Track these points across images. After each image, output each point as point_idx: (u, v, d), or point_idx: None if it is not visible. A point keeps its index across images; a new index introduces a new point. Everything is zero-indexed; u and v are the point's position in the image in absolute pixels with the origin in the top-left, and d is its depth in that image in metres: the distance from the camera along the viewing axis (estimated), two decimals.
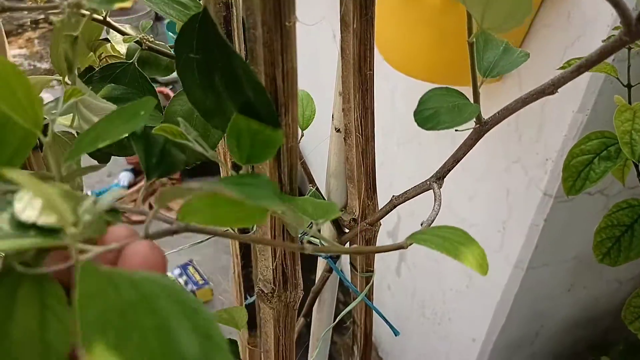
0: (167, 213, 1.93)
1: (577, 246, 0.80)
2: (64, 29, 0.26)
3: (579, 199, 0.74)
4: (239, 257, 0.62)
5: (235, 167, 0.50)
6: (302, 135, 0.48)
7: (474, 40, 0.27)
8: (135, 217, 1.90)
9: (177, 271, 1.63)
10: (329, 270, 0.54)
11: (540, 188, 0.72)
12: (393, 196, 0.40)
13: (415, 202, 1.02)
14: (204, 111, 0.26)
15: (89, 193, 1.69)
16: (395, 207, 0.41)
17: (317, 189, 0.48)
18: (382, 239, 1.26)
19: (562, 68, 0.44)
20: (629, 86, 0.45)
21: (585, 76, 0.61)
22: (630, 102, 0.44)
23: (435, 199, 0.32)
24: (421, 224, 0.33)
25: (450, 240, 0.21)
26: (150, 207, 1.96)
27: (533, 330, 0.92)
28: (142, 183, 1.98)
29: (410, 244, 0.22)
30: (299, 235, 0.53)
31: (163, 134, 0.25)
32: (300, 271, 0.36)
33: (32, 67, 3.18)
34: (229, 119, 0.25)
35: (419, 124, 0.26)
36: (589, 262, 0.84)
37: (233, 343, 0.47)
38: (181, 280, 1.61)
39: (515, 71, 0.70)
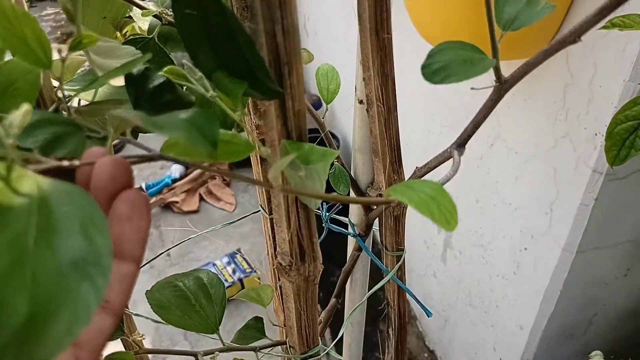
0: (216, 203, 1.97)
1: (633, 228, 0.75)
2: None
3: (633, 176, 0.69)
4: (270, 237, 0.61)
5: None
6: (327, 109, 0.47)
7: None
8: (185, 208, 1.95)
9: (225, 259, 1.67)
10: (359, 249, 0.53)
11: (590, 165, 0.67)
12: (416, 167, 0.39)
13: (457, 186, 0.98)
14: (206, 69, 0.25)
15: (143, 185, 1.75)
16: (420, 178, 0.39)
17: (343, 164, 0.47)
18: (425, 224, 1.23)
19: (605, 28, 0.41)
20: None
21: (636, 43, 0.57)
22: None
23: (453, 164, 0.30)
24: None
25: (422, 193, 0.20)
26: (201, 198, 2.01)
27: (586, 319, 0.87)
28: (194, 174, 2.03)
29: (390, 196, 0.21)
30: (325, 214, 0.52)
31: (168, 75, 0.25)
32: (317, 244, 0.35)
33: (64, 36, 3.36)
34: (230, 88, 0.25)
35: (426, 78, 0.24)
36: None
37: (259, 320, 0.47)
38: (229, 268, 1.64)
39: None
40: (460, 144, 0.33)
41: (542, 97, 0.73)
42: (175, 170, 2.06)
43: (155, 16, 0.40)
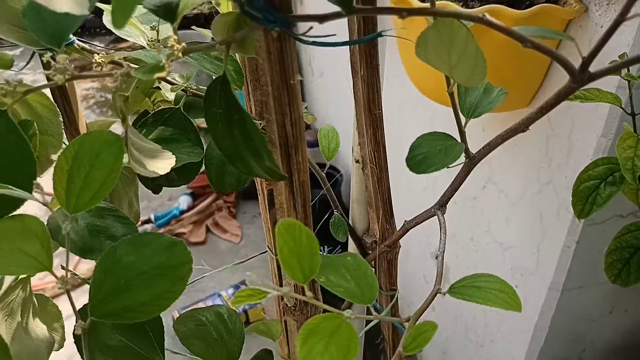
0: (222, 235, 2.03)
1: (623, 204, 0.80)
2: (119, 90, 0.33)
3: (611, 221, 0.74)
4: (277, 276, 0.67)
5: (270, 194, 0.56)
6: (328, 166, 0.53)
7: (455, 86, 0.32)
8: (193, 239, 2.01)
9: (230, 290, 1.71)
10: None
11: (570, 211, 0.73)
12: (405, 221, 0.45)
13: (455, 224, 1.04)
14: (228, 156, 0.31)
15: (152, 216, 1.81)
16: (408, 230, 0.45)
17: (342, 214, 0.53)
18: (424, 260, 1.28)
19: (569, 100, 0.47)
20: (633, 114, 0.48)
21: (606, 105, 0.63)
22: (635, 130, 0.46)
23: (440, 227, 0.36)
24: (436, 257, 0.37)
25: (492, 290, 0.26)
26: (208, 229, 2.07)
27: (575, 354, 0.92)
28: (201, 206, 2.09)
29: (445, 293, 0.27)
30: None
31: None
32: (319, 287, 0.41)
33: (103, 98, 3.44)
34: (248, 163, 0.31)
35: (411, 169, 0.31)
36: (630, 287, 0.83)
37: (268, 353, 0.52)
38: None
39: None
40: (442, 204, 0.40)
41: (527, 145, 0.80)
42: (184, 202, 2.12)
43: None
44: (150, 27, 0.41)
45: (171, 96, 0.48)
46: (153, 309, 0.31)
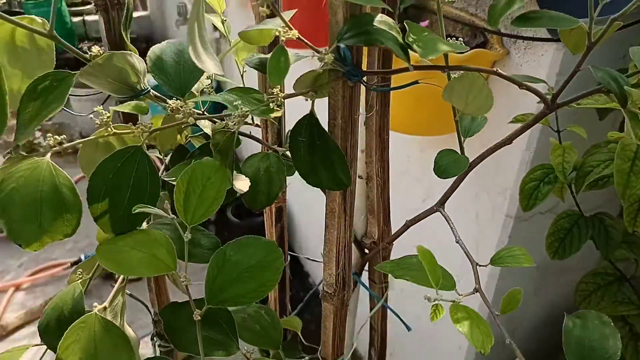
0: None
1: (538, 257, 0.99)
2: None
3: (534, 218, 0.92)
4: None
5: (278, 211, 0.66)
6: None
7: (459, 117, 0.45)
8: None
9: None
10: (355, 284, 0.69)
11: (503, 212, 0.90)
12: (407, 220, 0.57)
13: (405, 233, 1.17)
14: (304, 174, 0.42)
15: (82, 256, 1.78)
16: (409, 227, 0.57)
17: None
18: None
19: (514, 121, 0.63)
20: (558, 131, 0.64)
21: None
22: (560, 142, 0.63)
23: (447, 220, 0.49)
24: (456, 241, 0.49)
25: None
26: None
27: (509, 331, 1.09)
28: None
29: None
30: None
31: None
32: (352, 276, 0.52)
33: None
34: (320, 178, 0.41)
35: (438, 176, 0.43)
36: (549, 270, 1.02)
37: (294, 338, 0.61)
38: None
39: None
40: (442, 202, 0.52)
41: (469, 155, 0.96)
42: None
43: None
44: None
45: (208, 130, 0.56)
46: (259, 294, 0.40)
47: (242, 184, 0.44)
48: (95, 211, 0.38)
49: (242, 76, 0.52)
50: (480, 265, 0.45)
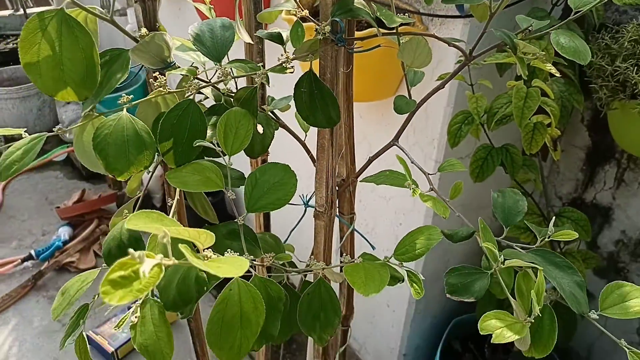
0: None
1: (463, 195, 1.21)
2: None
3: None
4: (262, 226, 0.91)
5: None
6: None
7: (407, 71, 0.63)
8: (82, 266, 2.03)
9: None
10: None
11: (432, 158, 1.11)
12: (370, 156, 0.75)
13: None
14: (305, 117, 0.58)
15: (32, 252, 1.83)
16: (371, 162, 0.75)
17: None
18: None
19: (439, 79, 0.82)
20: (471, 84, 0.85)
21: (451, 84, 1.02)
22: (473, 93, 0.84)
23: (402, 149, 0.67)
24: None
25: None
26: (97, 254, 2.10)
27: (443, 263, 1.32)
28: (84, 233, 2.11)
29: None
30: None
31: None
32: (336, 198, 0.69)
33: None
34: (316, 118, 0.58)
35: (397, 112, 0.61)
36: (472, 206, 1.25)
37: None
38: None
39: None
40: (397, 138, 0.71)
41: (398, 122, 1.16)
42: (64, 232, 2.11)
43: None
44: None
45: (210, 96, 0.71)
46: (283, 202, 0.56)
47: (259, 127, 0.60)
48: (163, 148, 0.52)
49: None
50: (430, 174, 0.63)
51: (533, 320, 0.42)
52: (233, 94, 0.66)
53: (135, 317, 0.46)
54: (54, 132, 0.52)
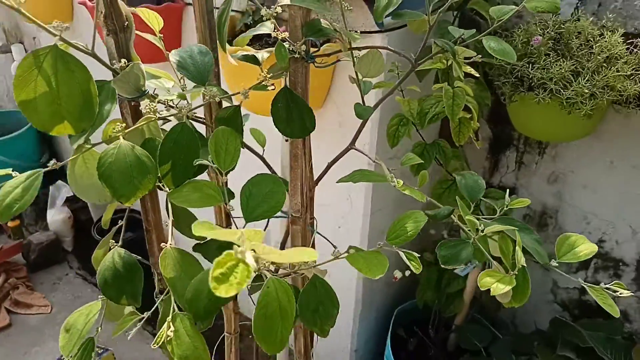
0: (29, 310, 1.93)
1: (394, 190, 1.33)
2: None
3: (387, 162, 1.25)
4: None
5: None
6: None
7: (361, 81, 0.71)
8: None
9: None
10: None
11: (366, 159, 1.21)
12: (328, 163, 0.81)
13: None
14: (282, 129, 0.63)
15: None
16: (329, 167, 0.82)
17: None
18: None
19: (377, 86, 0.91)
20: (401, 90, 0.96)
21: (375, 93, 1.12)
22: (403, 97, 0.94)
23: (361, 150, 0.74)
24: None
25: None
26: (9, 311, 1.93)
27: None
28: None
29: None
30: None
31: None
32: (313, 204, 0.74)
33: None
34: (292, 128, 0.63)
35: (358, 117, 0.68)
36: (409, 198, 1.37)
37: None
38: None
39: (333, 100, 1.17)
40: (353, 142, 0.78)
41: (329, 128, 1.24)
42: None
43: None
44: None
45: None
46: (275, 210, 0.61)
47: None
48: (162, 171, 0.55)
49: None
50: (392, 169, 0.70)
51: (517, 273, 0.52)
52: (198, 117, 0.69)
53: (171, 331, 0.48)
54: (48, 168, 0.53)
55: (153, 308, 0.60)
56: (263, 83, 0.59)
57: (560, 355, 1.09)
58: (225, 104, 0.62)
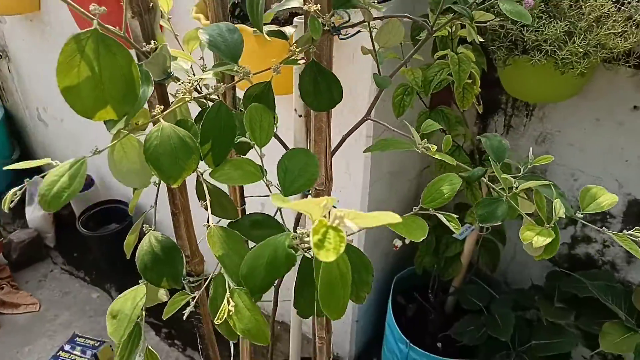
0: (17, 310, 1.89)
1: (389, 164, 1.35)
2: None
3: (383, 134, 1.27)
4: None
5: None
6: None
7: (377, 53, 0.71)
8: None
9: (67, 347, 1.67)
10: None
11: (363, 134, 1.22)
12: (343, 135, 0.82)
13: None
14: (310, 102, 0.64)
15: None
16: (345, 140, 0.83)
17: None
18: None
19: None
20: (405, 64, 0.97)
21: (367, 79, 1.13)
22: (406, 67, 0.95)
23: (378, 121, 0.75)
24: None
25: None
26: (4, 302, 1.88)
27: (381, 231, 1.44)
28: None
29: None
30: None
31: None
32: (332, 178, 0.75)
33: None
34: (322, 104, 0.64)
35: (378, 85, 0.69)
36: (398, 173, 1.39)
37: None
38: (77, 351, 1.66)
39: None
40: (369, 112, 0.79)
41: None
42: None
43: None
44: None
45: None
46: (311, 182, 0.61)
47: None
48: (204, 151, 0.55)
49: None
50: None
51: (553, 225, 0.54)
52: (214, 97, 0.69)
53: (232, 306, 0.49)
54: (91, 155, 0.52)
55: (196, 288, 0.60)
56: (293, 57, 0.59)
57: (559, 307, 1.15)
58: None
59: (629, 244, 0.59)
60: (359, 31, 0.67)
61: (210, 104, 0.61)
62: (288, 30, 0.61)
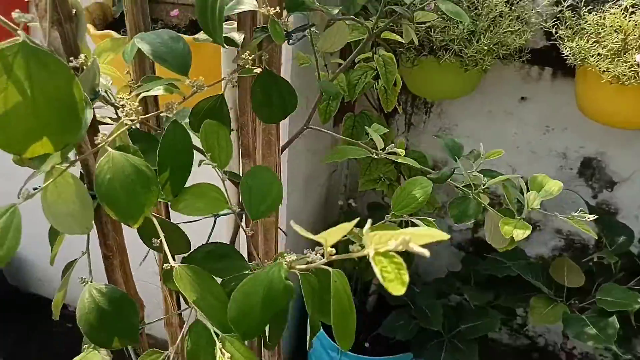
0: None
1: (305, 170, 1.32)
2: None
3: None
4: None
5: None
6: None
7: (318, 58, 0.68)
8: None
9: None
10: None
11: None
12: (282, 145, 0.77)
13: None
14: (262, 112, 0.58)
15: None
16: (285, 148, 0.78)
17: None
18: None
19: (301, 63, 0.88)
20: (325, 65, 0.94)
21: None
22: (327, 72, 0.93)
23: (318, 128, 0.72)
24: None
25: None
26: None
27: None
28: None
29: None
30: None
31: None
32: None
33: None
34: (272, 114, 0.59)
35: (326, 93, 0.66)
36: (312, 178, 1.37)
37: None
38: None
39: None
40: (308, 122, 0.75)
41: None
42: None
43: None
44: None
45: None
46: (277, 202, 0.56)
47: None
48: (162, 180, 0.47)
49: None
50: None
51: (524, 217, 0.55)
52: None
53: (227, 358, 0.42)
54: (21, 201, 0.41)
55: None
56: (248, 67, 0.54)
57: (480, 289, 1.21)
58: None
59: (581, 225, 0.62)
60: (304, 36, 0.63)
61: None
62: (236, 36, 0.54)
